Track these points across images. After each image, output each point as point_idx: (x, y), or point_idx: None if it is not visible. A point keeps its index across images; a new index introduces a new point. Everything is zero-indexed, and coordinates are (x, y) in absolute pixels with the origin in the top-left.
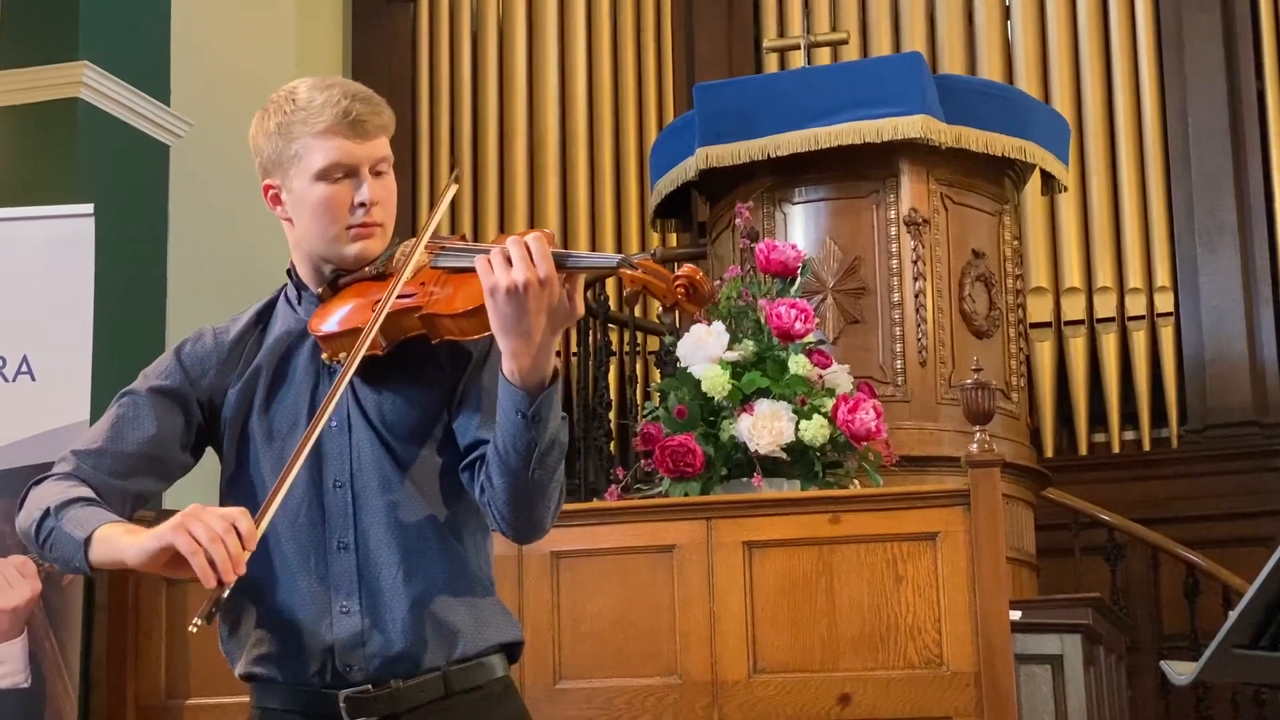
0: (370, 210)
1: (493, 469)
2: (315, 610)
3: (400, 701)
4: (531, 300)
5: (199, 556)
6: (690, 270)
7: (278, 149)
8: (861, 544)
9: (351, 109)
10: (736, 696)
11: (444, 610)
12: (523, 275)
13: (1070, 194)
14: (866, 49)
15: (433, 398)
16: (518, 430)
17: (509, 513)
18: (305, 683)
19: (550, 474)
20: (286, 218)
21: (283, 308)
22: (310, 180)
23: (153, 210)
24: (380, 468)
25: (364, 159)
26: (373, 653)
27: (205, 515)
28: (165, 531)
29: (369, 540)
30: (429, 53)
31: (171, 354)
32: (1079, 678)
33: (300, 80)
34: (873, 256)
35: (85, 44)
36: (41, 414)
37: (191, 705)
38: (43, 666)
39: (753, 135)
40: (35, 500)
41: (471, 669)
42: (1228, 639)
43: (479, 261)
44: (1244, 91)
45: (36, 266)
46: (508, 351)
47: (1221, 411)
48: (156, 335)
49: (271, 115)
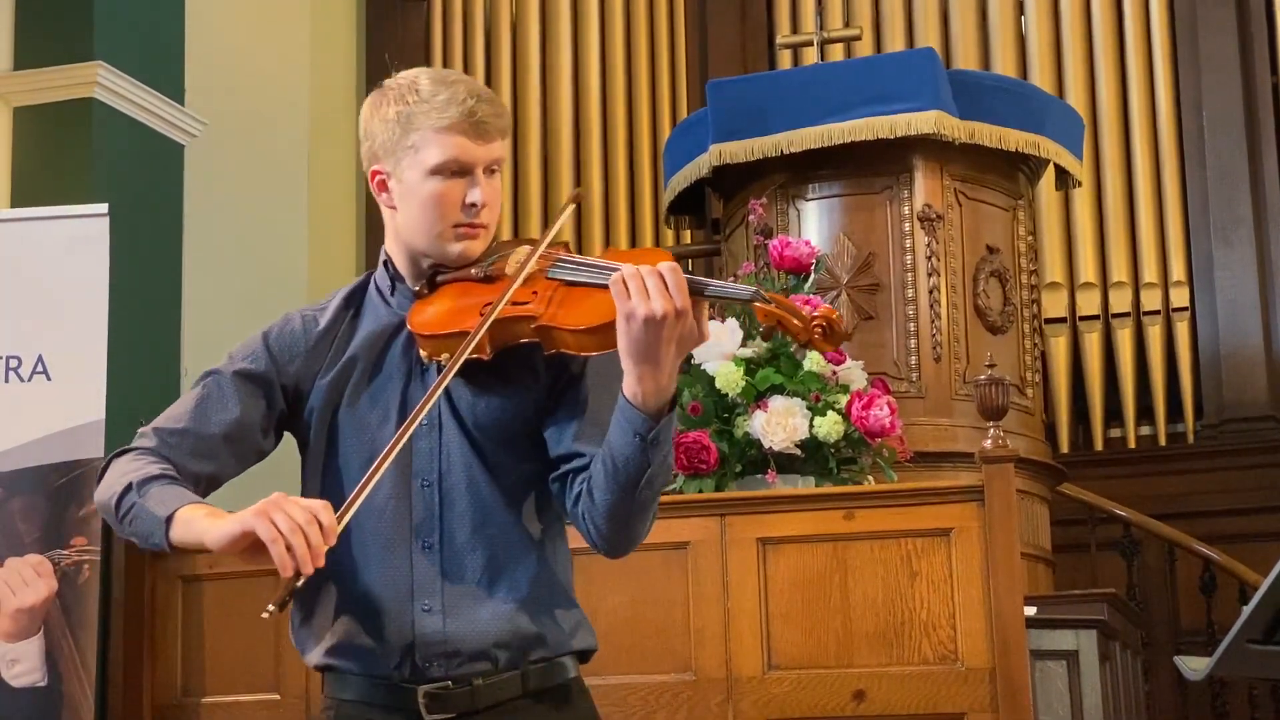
0: (480, 211)
1: (597, 485)
2: (397, 607)
3: (479, 699)
4: (666, 329)
5: (279, 545)
6: (827, 310)
7: (394, 137)
8: (876, 540)
9: (477, 109)
10: (751, 693)
11: (525, 613)
12: (661, 306)
13: (1085, 189)
14: (880, 45)
15: (525, 404)
16: (634, 451)
17: (608, 529)
18: (383, 676)
19: (657, 495)
20: (391, 205)
21: (374, 297)
22: (424, 174)
23: (167, 210)
24: (469, 469)
25: (480, 159)
26: (453, 651)
27: (288, 504)
28: (247, 517)
29: (454, 541)
30: (443, 51)
31: (259, 338)
32: (1094, 673)
33: (420, 71)
34: (887, 252)
35: (100, 44)
36: (57, 414)
37: (207, 704)
38: (59, 665)
39: (766, 132)
40: (117, 474)
41: (547, 669)
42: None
43: (615, 284)
44: (1259, 85)
45: (51, 266)
46: (633, 375)
47: (1237, 406)
48: (172, 335)
49: (391, 102)
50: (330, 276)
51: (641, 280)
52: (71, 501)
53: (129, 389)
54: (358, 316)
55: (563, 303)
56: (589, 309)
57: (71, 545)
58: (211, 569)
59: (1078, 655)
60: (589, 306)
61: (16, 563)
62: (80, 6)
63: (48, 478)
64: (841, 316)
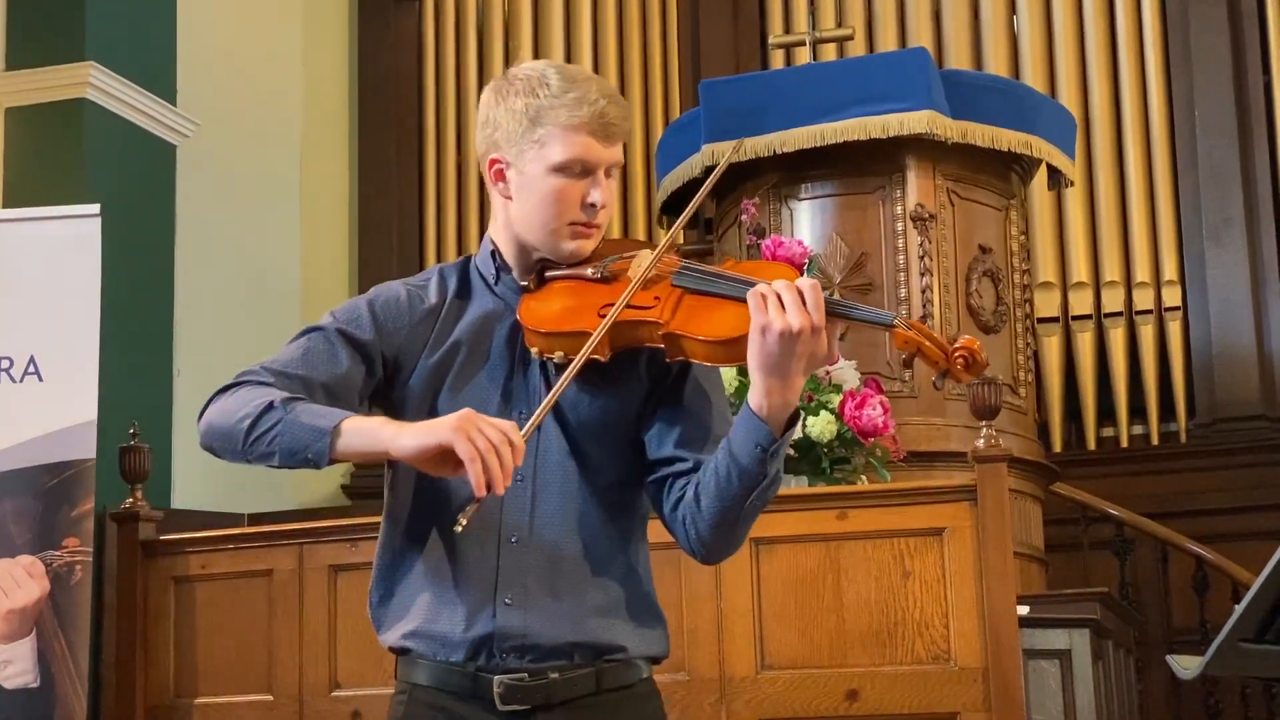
0: (598, 212)
1: (706, 492)
2: (479, 598)
3: (554, 693)
4: (800, 345)
5: (477, 464)
6: (970, 341)
7: (520, 128)
8: (869, 540)
9: (607, 111)
10: (744, 693)
11: (605, 616)
12: (798, 322)
13: (1077, 189)
14: (872, 45)
15: (626, 405)
16: (752, 462)
17: (710, 535)
18: (459, 664)
19: (764, 505)
20: (506, 196)
21: (478, 283)
22: (547, 169)
23: (160, 210)
24: (564, 467)
25: (604, 160)
26: (531, 645)
27: (483, 423)
28: (443, 431)
29: (543, 537)
30: (435, 51)
31: (364, 304)
32: (1087, 673)
33: (548, 64)
34: (879, 252)
35: (91, 45)
36: (49, 414)
37: (200, 704)
38: (51, 666)
39: (759, 131)
40: (241, 400)
41: (621, 668)
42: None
43: (754, 297)
44: (1251, 85)
45: (43, 267)
46: (761, 388)
47: (1230, 405)
48: (164, 336)
49: (520, 94)
50: (322, 276)
51: (780, 295)
52: (64, 503)
53: (121, 390)
54: (463, 300)
55: (691, 311)
56: (720, 320)
57: (64, 546)
58: (203, 570)
59: (1071, 654)
60: (720, 318)
61: (8, 564)
62: (72, 7)
63: (40, 479)
64: (982, 347)
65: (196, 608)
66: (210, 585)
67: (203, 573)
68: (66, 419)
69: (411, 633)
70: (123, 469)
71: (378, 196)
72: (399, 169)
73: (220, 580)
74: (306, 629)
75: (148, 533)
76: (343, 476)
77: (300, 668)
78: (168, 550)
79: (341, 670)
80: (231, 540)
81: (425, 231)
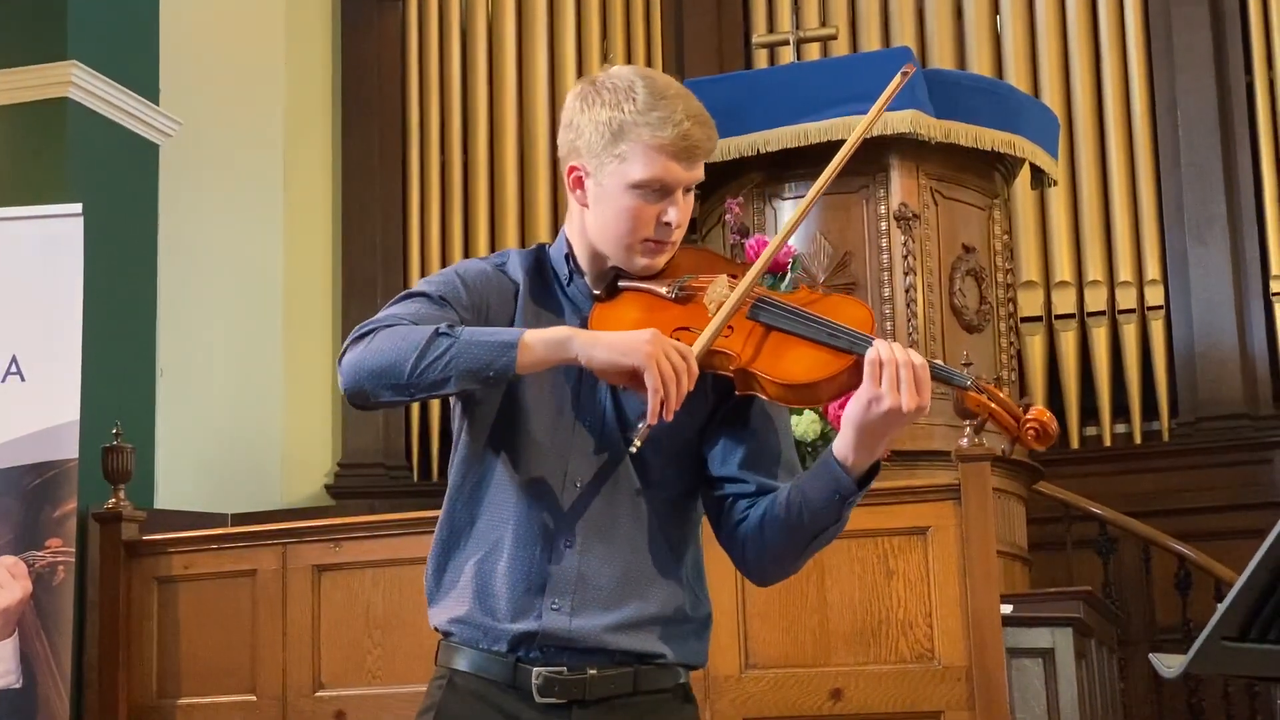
0: (673, 231)
1: (771, 524)
2: (528, 598)
3: (591, 690)
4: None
5: (658, 397)
6: (1040, 412)
7: (602, 140)
8: (853, 539)
9: (691, 133)
10: (729, 692)
11: (649, 630)
12: (909, 404)
13: (1060, 188)
14: (856, 44)
15: (691, 421)
16: (827, 506)
17: (768, 563)
18: (501, 654)
19: (828, 544)
20: (584, 203)
21: (552, 280)
22: (626, 185)
23: (142, 209)
24: (623, 478)
25: (684, 181)
26: (573, 644)
27: (669, 348)
28: (638, 355)
29: (595, 545)
30: (419, 51)
31: (455, 276)
32: (1070, 671)
33: (637, 75)
34: (863, 251)
35: (74, 44)
36: (31, 414)
37: (184, 705)
38: (34, 667)
39: (743, 131)
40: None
41: (659, 671)
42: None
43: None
44: (1233, 84)
45: (25, 267)
46: (851, 444)
47: (1212, 404)
48: (147, 335)
49: (605, 104)
50: (305, 276)
51: (897, 371)
52: (46, 503)
53: (104, 389)
54: (540, 292)
55: (768, 350)
56: (795, 363)
57: (46, 547)
58: (186, 570)
59: (1054, 653)
60: (794, 360)
61: None
62: (54, 6)
63: (22, 479)
64: (1053, 418)
65: (180, 608)
66: (193, 585)
67: (186, 573)
68: (49, 419)
69: (457, 618)
70: (105, 469)
71: (361, 196)
72: (382, 168)
73: (203, 580)
74: (290, 629)
75: (130, 533)
76: (326, 477)
77: (284, 668)
78: (151, 550)
79: (325, 670)
80: (215, 540)
81: (409, 231)
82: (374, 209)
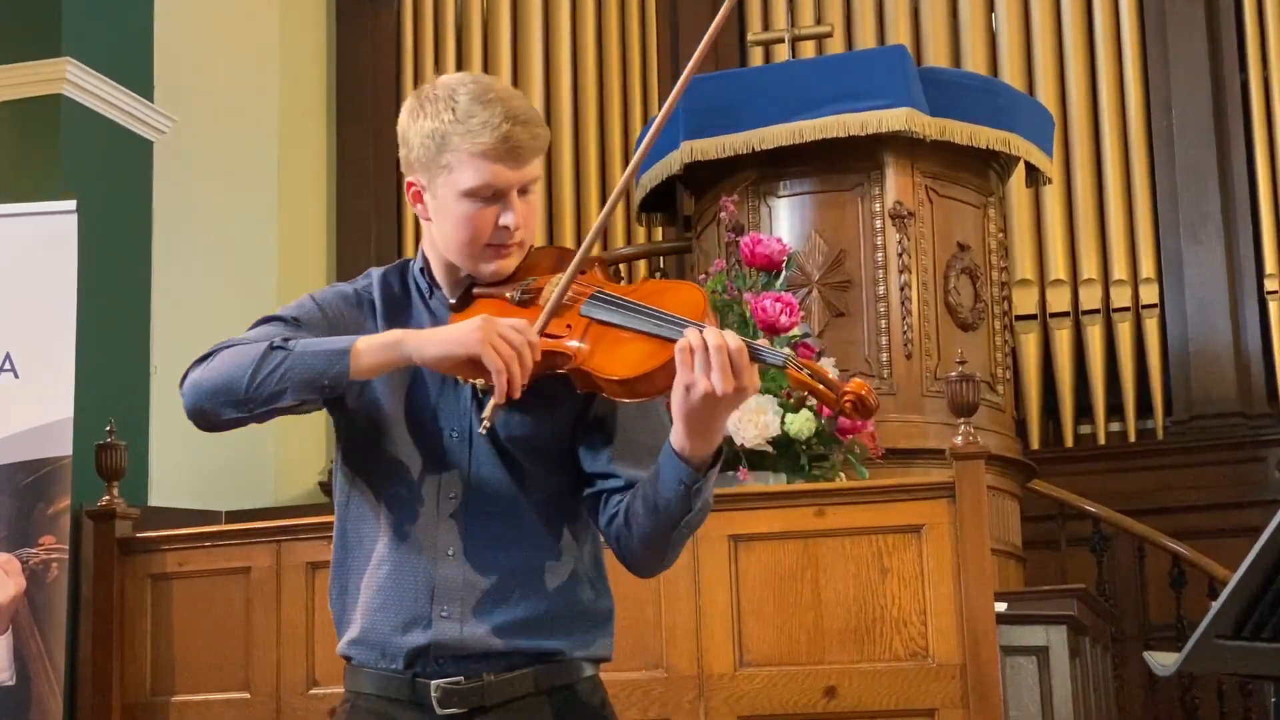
0: (513, 233)
1: (635, 517)
2: (417, 610)
3: (490, 695)
4: (726, 404)
5: (503, 376)
6: (858, 384)
7: (429, 153)
8: (847, 537)
9: (511, 135)
10: (723, 690)
11: (543, 627)
12: (723, 385)
13: (1055, 186)
14: (851, 42)
15: (559, 420)
16: (676, 497)
17: (641, 554)
18: (399, 672)
19: (693, 530)
20: (426, 218)
21: (415, 296)
22: (457, 195)
23: (137, 206)
24: (499, 482)
25: (514, 183)
26: (468, 653)
27: (505, 330)
28: (470, 344)
29: (479, 552)
30: (413, 49)
31: (310, 300)
32: (1064, 669)
33: (460, 81)
34: (858, 249)
35: (68, 40)
36: (24, 412)
37: (177, 702)
38: (28, 664)
39: (737, 129)
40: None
41: (559, 668)
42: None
43: (681, 352)
44: (1228, 83)
45: (19, 263)
46: (682, 433)
47: (1206, 403)
48: (141, 332)
49: (427, 116)
50: (300, 273)
51: (708, 355)
52: (40, 500)
53: (98, 387)
54: (403, 306)
55: (598, 345)
56: (624, 357)
57: (40, 544)
58: (180, 567)
59: (1048, 651)
60: (624, 354)
61: None
62: (49, 3)
63: (15, 476)
64: (873, 391)
65: (173, 605)
66: (187, 583)
67: (180, 570)
68: (43, 416)
69: (354, 641)
70: (99, 466)
71: (355, 193)
72: (376, 166)
73: (197, 578)
74: (284, 626)
75: (124, 530)
76: (320, 474)
77: (278, 665)
78: (144, 548)
79: (319, 668)
80: (209, 538)
81: (404, 228)
82: (368, 206)
